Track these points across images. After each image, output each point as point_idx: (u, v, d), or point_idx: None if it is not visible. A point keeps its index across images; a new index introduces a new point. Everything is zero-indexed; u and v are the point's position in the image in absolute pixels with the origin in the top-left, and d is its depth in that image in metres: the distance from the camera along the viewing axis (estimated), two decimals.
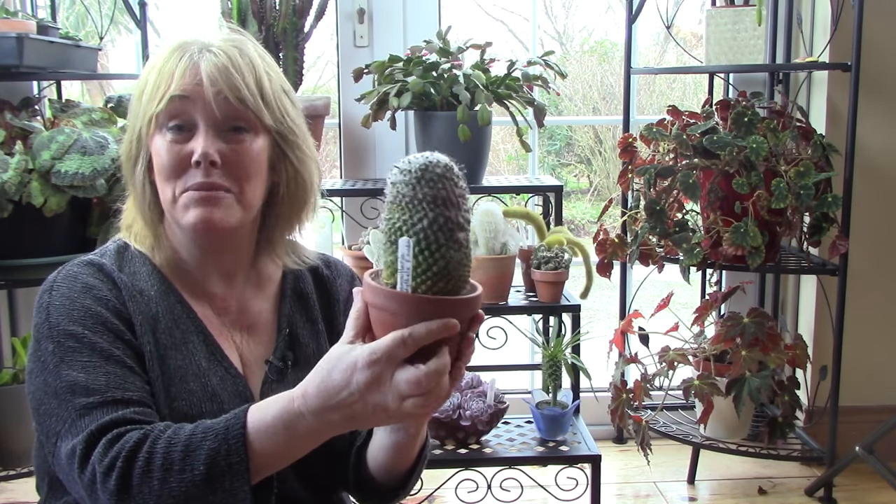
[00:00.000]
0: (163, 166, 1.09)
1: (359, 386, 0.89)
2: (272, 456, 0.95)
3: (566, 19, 6.82)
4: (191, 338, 1.12)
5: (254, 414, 0.96)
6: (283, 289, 1.24)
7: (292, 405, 0.94)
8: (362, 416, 0.91)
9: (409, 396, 0.87)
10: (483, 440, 2.14)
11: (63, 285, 1.08)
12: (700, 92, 5.37)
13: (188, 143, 1.09)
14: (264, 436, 0.94)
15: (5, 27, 2.00)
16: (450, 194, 0.88)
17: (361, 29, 2.56)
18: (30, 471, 2.09)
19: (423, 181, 0.87)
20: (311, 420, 0.93)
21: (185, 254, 1.16)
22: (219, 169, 1.08)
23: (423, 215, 0.87)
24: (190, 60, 1.09)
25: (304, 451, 0.97)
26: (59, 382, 1.01)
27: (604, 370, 2.34)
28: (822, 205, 2.15)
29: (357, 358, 0.89)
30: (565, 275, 2.14)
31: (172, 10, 6.04)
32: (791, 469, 2.56)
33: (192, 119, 1.09)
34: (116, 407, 0.99)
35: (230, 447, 0.93)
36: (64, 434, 0.99)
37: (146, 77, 1.12)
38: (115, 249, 1.16)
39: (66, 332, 1.04)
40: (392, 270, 0.88)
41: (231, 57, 1.10)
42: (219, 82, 1.08)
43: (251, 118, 1.10)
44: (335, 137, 2.70)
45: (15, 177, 1.96)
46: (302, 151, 1.17)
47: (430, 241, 0.87)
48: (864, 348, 2.56)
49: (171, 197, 1.10)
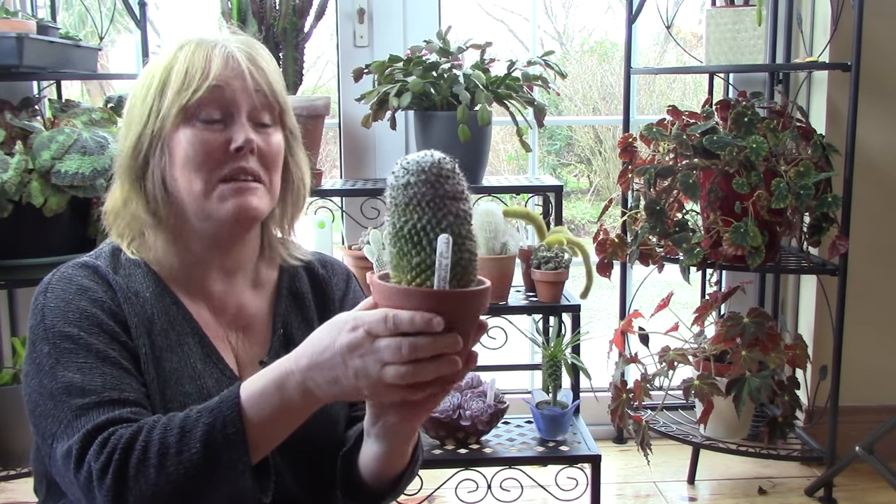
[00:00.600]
0: (193, 157, 1.09)
1: (341, 347, 0.89)
2: (266, 424, 0.94)
3: (566, 19, 6.82)
4: (186, 340, 1.12)
5: (246, 385, 0.96)
6: (279, 288, 1.24)
7: (284, 365, 0.94)
8: (345, 380, 0.90)
9: (390, 363, 0.87)
10: (483, 440, 2.14)
11: (58, 287, 1.08)
12: (700, 92, 5.37)
13: (223, 132, 1.10)
14: (259, 400, 0.94)
15: (5, 27, 2.00)
16: (462, 188, 0.90)
17: (361, 29, 2.56)
18: (30, 471, 2.09)
19: (441, 178, 0.88)
20: (299, 379, 0.92)
21: (193, 249, 1.16)
22: (255, 157, 1.11)
23: (448, 211, 0.88)
24: (224, 50, 1.11)
25: (295, 422, 0.96)
26: (54, 384, 1.01)
27: (604, 370, 2.34)
28: (822, 205, 2.15)
29: (345, 320, 0.90)
30: (565, 275, 2.14)
31: (172, 10, 6.04)
32: (791, 469, 2.56)
33: (230, 108, 1.10)
34: (113, 407, 0.99)
35: (225, 419, 0.93)
36: (60, 435, 0.98)
37: (167, 68, 1.11)
38: (110, 251, 1.16)
39: (61, 333, 1.04)
40: (420, 271, 0.88)
41: (256, 51, 1.14)
42: (255, 75, 1.11)
43: (276, 113, 1.15)
44: (335, 137, 2.70)
45: (15, 177, 1.96)
46: (302, 151, 1.21)
47: (456, 235, 0.88)
48: (864, 348, 2.56)
49: (201, 189, 1.09)
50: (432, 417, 2.05)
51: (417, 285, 0.88)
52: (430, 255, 0.87)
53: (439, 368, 0.87)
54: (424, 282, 0.88)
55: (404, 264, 0.89)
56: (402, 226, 0.88)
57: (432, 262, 0.87)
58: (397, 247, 0.89)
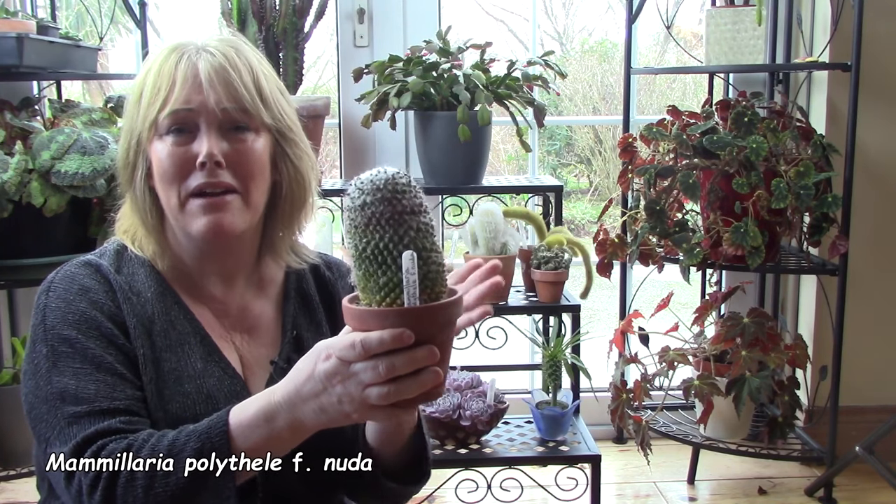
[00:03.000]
0: (165, 171, 1.09)
1: (320, 375, 0.89)
2: (254, 452, 0.95)
3: (566, 19, 6.82)
4: (188, 339, 1.12)
5: (235, 412, 0.96)
6: (287, 290, 1.24)
7: (272, 398, 0.95)
8: (331, 408, 0.90)
9: (372, 385, 0.87)
10: (483, 440, 2.14)
11: (60, 286, 1.09)
12: (700, 92, 5.37)
13: (190, 144, 1.09)
14: (246, 430, 0.95)
15: (5, 27, 2.00)
16: (420, 201, 0.89)
17: (361, 29, 2.56)
18: (30, 471, 2.09)
19: (398, 194, 0.87)
20: (286, 412, 0.93)
21: (186, 257, 1.16)
22: (224, 169, 1.09)
23: (408, 227, 0.87)
24: (188, 62, 1.09)
25: (285, 449, 0.97)
26: (49, 388, 1.02)
27: (604, 370, 2.34)
28: (822, 205, 2.15)
29: (321, 349, 0.90)
30: (565, 275, 2.14)
31: (172, 10, 6.04)
32: (791, 469, 2.56)
33: (194, 122, 1.09)
34: (103, 417, 1.00)
35: (213, 445, 0.94)
36: (53, 441, 1.00)
37: (143, 79, 1.11)
38: (115, 250, 1.16)
39: (60, 336, 1.04)
40: (389, 290, 0.87)
41: (228, 57, 1.11)
42: (217, 83, 1.08)
43: (251, 117, 1.11)
44: (335, 137, 2.70)
45: (15, 177, 1.96)
46: (300, 149, 1.18)
47: (420, 250, 0.87)
48: (864, 348, 2.56)
49: (176, 203, 1.10)
50: (432, 417, 2.05)
51: (388, 305, 0.87)
52: (397, 273, 0.86)
53: (422, 383, 0.87)
54: (394, 300, 0.87)
55: (372, 285, 0.88)
56: (365, 247, 0.87)
57: (399, 280, 0.86)
58: (362, 268, 0.88)
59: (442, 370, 0.89)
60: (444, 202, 2.57)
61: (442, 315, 0.88)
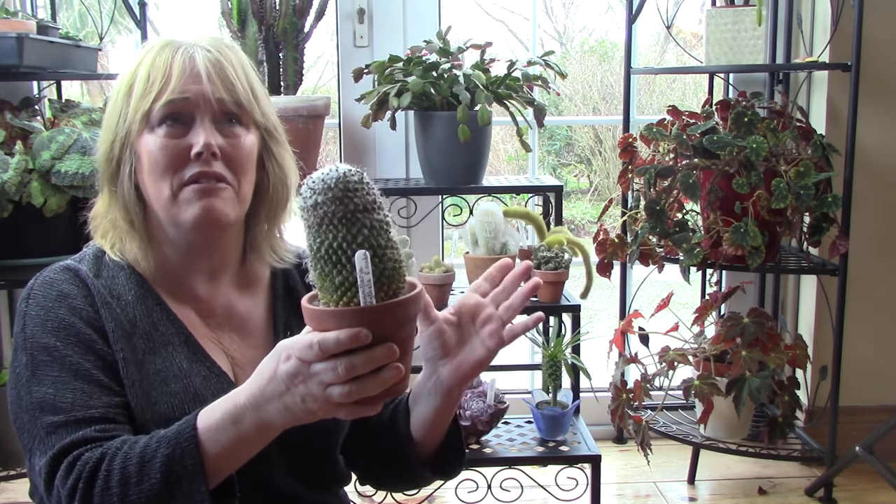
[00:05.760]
0: (157, 163, 1.09)
1: (282, 376, 0.89)
2: (224, 455, 0.95)
3: (566, 19, 6.83)
4: (171, 340, 1.12)
5: (203, 415, 0.96)
6: (274, 289, 1.24)
7: (237, 400, 0.95)
8: (295, 407, 0.90)
9: (333, 384, 0.87)
10: (483, 440, 2.14)
11: (39, 293, 1.10)
12: (700, 92, 5.38)
13: (184, 136, 1.09)
14: (214, 433, 0.95)
15: (5, 27, 2.00)
16: (374, 198, 0.88)
17: (361, 29, 2.56)
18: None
19: (349, 192, 0.86)
20: (252, 413, 0.93)
21: (172, 254, 1.16)
22: (218, 160, 1.10)
23: (361, 225, 0.86)
24: (185, 54, 1.10)
25: (254, 450, 0.97)
26: (29, 398, 1.03)
27: (604, 370, 2.34)
28: (822, 205, 2.15)
29: (281, 349, 0.91)
30: (565, 275, 2.14)
31: (172, 10, 6.04)
32: (791, 469, 2.56)
33: (189, 113, 1.10)
34: (78, 426, 1.00)
35: (183, 450, 0.94)
36: (34, 450, 1.02)
37: (134, 73, 1.11)
38: (94, 254, 1.16)
39: (38, 344, 1.06)
40: (345, 290, 0.87)
41: (223, 53, 1.13)
42: (215, 75, 1.10)
43: (245, 112, 1.13)
44: (335, 137, 2.70)
45: (15, 177, 1.96)
46: (285, 149, 1.20)
47: (375, 248, 0.87)
48: (864, 348, 2.56)
49: (168, 194, 1.10)
50: None
51: (345, 304, 0.87)
52: (352, 272, 0.86)
53: (382, 381, 0.87)
54: (351, 300, 0.87)
55: (328, 285, 0.88)
56: (319, 247, 0.87)
57: (355, 280, 0.86)
58: (318, 268, 0.88)
59: (404, 365, 0.88)
60: (444, 202, 2.57)
61: (400, 312, 0.88)
